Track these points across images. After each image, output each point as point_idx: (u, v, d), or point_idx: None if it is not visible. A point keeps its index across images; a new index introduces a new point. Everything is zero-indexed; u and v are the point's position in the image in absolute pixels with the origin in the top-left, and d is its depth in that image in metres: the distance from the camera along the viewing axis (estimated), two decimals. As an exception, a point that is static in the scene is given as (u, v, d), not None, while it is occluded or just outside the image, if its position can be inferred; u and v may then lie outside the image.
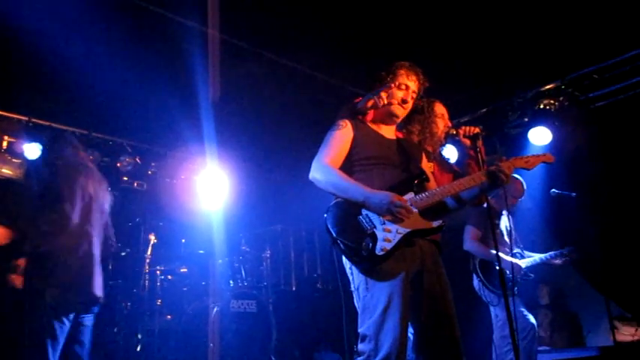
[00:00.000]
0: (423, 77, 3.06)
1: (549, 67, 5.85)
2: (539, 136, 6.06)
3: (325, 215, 2.77)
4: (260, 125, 6.53)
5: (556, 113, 6.07)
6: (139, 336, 5.50)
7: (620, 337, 5.39)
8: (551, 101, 6.10)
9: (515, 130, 6.46)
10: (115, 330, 5.59)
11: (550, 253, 4.90)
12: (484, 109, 6.53)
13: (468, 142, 3.17)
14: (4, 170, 6.03)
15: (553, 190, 5.15)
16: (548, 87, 6.11)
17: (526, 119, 6.31)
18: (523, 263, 4.80)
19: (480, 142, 3.12)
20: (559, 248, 4.95)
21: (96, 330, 5.57)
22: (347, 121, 2.98)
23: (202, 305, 5.54)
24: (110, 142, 6.68)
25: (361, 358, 2.59)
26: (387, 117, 3.04)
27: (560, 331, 6.26)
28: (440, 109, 3.66)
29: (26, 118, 5.99)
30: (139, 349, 5.45)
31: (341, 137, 2.93)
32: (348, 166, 2.90)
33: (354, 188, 2.73)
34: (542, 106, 6.13)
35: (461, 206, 2.97)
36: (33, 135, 5.96)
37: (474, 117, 6.46)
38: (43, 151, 5.89)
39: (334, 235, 2.68)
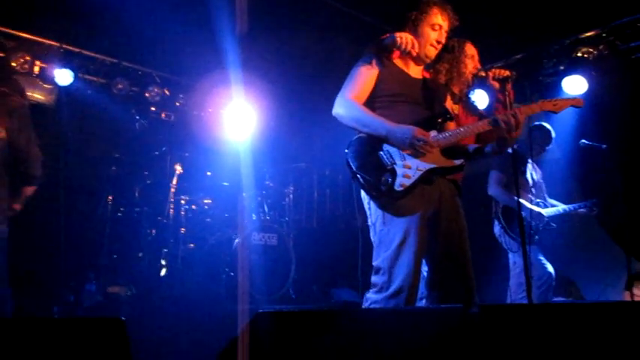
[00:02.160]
0: (453, 14, 2.98)
1: (590, 13, 5.61)
2: (574, 85, 5.88)
3: (346, 150, 2.79)
4: (288, 60, 6.47)
5: (594, 62, 5.87)
6: (163, 262, 5.67)
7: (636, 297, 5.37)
8: (590, 49, 5.89)
9: (549, 78, 6.29)
10: (140, 255, 5.77)
11: (574, 204, 4.86)
12: (518, 55, 6.34)
13: (496, 85, 3.11)
14: (36, 95, 6.12)
15: (583, 140, 5.04)
16: (587, 34, 5.89)
17: (562, 67, 6.12)
18: (546, 212, 4.78)
19: (509, 86, 3.05)
20: (584, 200, 4.90)
21: (120, 256, 5.82)
22: (373, 58, 2.93)
23: (224, 236, 5.66)
24: (139, 72, 6.71)
25: (374, 289, 2.65)
26: (419, 56, 2.98)
27: (577, 283, 6.26)
28: (470, 49, 3.56)
29: (58, 44, 6.02)
30: (162, 274, 5.63)
31: (366, 73, 2.90)
32: (372, 102, 2.88)
33: (377, 122, 2.72)
34: (579, 54, 5.93)
35: (480, 153, 2.93)
36: (64, 61, 6.02)
37: (507, 62, 6.28)
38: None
39: (354, 169, 2.70)
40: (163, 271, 5.65)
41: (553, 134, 5.01)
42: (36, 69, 5.98)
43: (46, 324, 1.19)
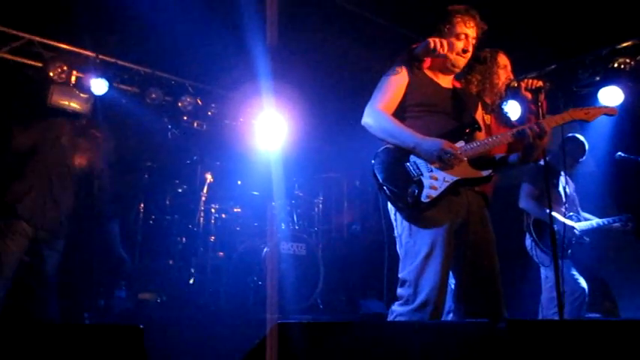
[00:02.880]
0: (480, 21, 2.94)
1: (627, 23, 5.50)
2: (610, 96, 5.76)
3: (373, 161, 2.77)
4: (320, 70, 6.50)
5: (630, 73, 5.74)
6: (192, 270, 5.72)
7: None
8: (627, 60, 5.75)
9: (584, 89, 6.16)
10: (170, 262, 5.84)
11: (607, 218, 4.74)
12: (552, 66, 6.24)
13: (529, 95, 3.07)
14: (72, 104, 6.26)
15: (619, 153, 4.93)
16: (624, 45, 5.77)
17: (597, 78, 6.00)
18: (579, 226, 4.67)
19: (542, 97, 3.01)
20: (618, 214, 4.78)
21: (151, 262, 5.89)
22: (403, 67, 2.91)
23: (254, 245, 5.69)
24: (173, 81, 6.82)
25: (399, 302, 2.62)
26: (447, 66, 2.96)
27: (612, 300, 6.09)
28: (503, 60, 3.52)
29: (94, 54, 6.17)
30: (191, 282, 5.68)
31: (395, 83, 2.88)
32: (401, 112, 2.86)
33: (406, 134, 2.70)
34: (616, 65, 5.80)
35: (508, 163, 2.88)
36: (100, 71, 6.16)
37: (541, 73, 6.19)
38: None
39: (380, 180, 2.69)
40: (193, 279, 5.70)
41: (587, 146, 4.90)
42: (73, 79, 6.12)
43: (64, 330, 1.21)
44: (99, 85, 6.12)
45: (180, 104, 6.79)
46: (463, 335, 1.87)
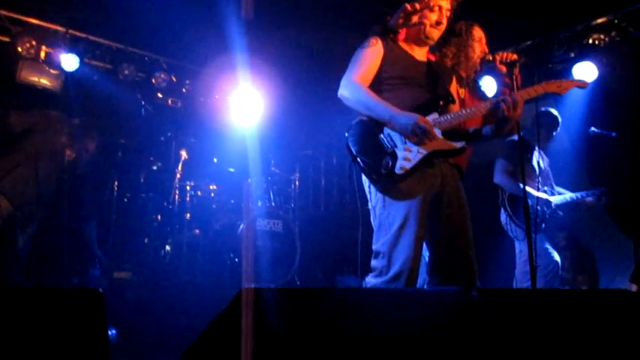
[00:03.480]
0: None
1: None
2: (585, 72, 5.79)
3: (347, 134, 2.76)
4: (296, 46, 6.43)
5: (605, 49, 5.77)
6: (168, 247, 5.68)
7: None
8: (601, 36, 5.78)
9: (559, 65, 6.20)
10: (146, 241, 5.79)
11: (581, 192, 4.79)
12: (529, 42, 6.25)
13: (504, 68, 3.07)
14: (42, 81, 6.12)
15: (592, 128, 4.96)
16: (599, 21, 5.79)
17: (572, 54, 6.03)
18: (553, 200, 4.72)
19: (516, 70, 3.00)
20: (592, 189, 4.84)
21: (126, 241, 5.84)
22: (378, 39, 2.89)
23: (230, 222, 5.66)
24: (146, 57, 6.70)
25: (373, 273, 2.63)
26: (421, 39, 2.93)
27: (583, 273, 6.20)
28: (478, 32, 3.51)
29: (64, 29, 6.02)
30: (167, 259, 5.64)
31: (371, 55, 2.86)
32: (376, 84, 2.84)
33: (381, 107, 2.69)
34: (590, 41, 5.83)
35: (482, 136, 2.88)
36: (70, 46, 6.02)
37: (517, 49, 6.20)
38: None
39: (354, 152, 2.67)
40: (168, 257, 5.65)
41: (560, 120, 4.94)
42: (42, 54, 5.98)
43: (23, 293, 1.18)
44: (69, 61, 5.99)
45: (154, 81, 6.69)
46: (435, 302, 1.88)
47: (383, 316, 1.63)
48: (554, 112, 4.93)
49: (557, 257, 4.66)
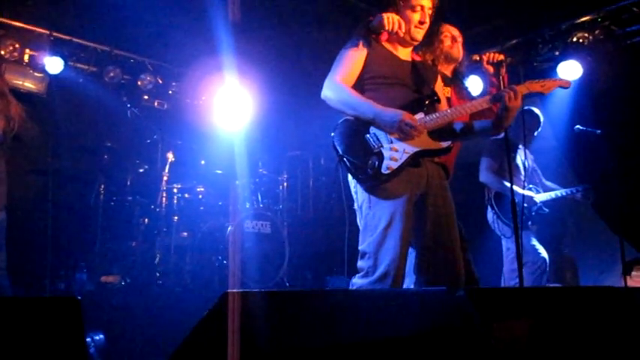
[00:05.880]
0: None
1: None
2: (569, 71, 5.84)
3: (332, 133, 2.76)
4: (283, 47, 6.42)
5: (589, 47, 5.82)
6: (156, 251, 5.64)
7: (631, 283, 5.35)
8: (585, 34, 5.83)
9: (544, 63, 6.24)
10: (133, 244, 5.74)
11: (566, 189, 4.84)
12: (514, 41, 6.29)
13: (491, 69, 3.12)
14: (26, 84, 6.07)
15: (577, 126, 5.00)
16: (583, 19, 5.84)
17: (557, 53, 6.08)
18: (539, 197, 4.75)
19: (503, 70, 3.04)
20: (577, 185, 4.88)
21: (113, 245, 5.79)
22: (361, 40, 2.89)
23: (218, 224, 5.63)
24: (131, 60, 6.66)
25: (360, 274, 2.63)
26: (405, 39, 2.93)
27: (570, 269, 6.24)
28: (447, 27, 3.54)
29: (47, 32, 5.96)
30: (155, 262, 5.60)
31: (354, 56, 2.86)
32: (360, 84, 2.84)
33: (365, 105, 2.69)
34: (575, 40, 5.88)
35: (472, 135, 2.89)
36: (54, 49, 5.96)
37: (503, 48, 6.23)
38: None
39: (340, 152, 2.68)
40: (156, 260, 5.61)
41: (542, 119, 4.97)
42: (26, 57, 5.93)
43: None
44: (54, 64, 5.94)
45: (139, 83, 6.65)
46: (421, 303, 1.88)
47: (370, 317, 1.62)
48: (537, 110, 4.96)
49: (544, 254, 4.69)
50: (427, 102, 2.77)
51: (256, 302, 1.38)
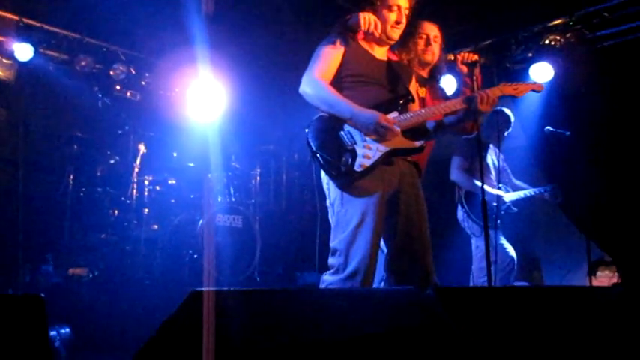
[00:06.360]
0: None
1: (559, 1, 5.65)
2: (541, 72, 5.92)
3: (306, 130, 2.76)
4: (258, 40, 6.38)
5: (560, 50, 5.91)
6: (125, 243, 5.57)
7: (596, 283, 5.47)
8: (557, 37, 5.92)
9: (517, 64, 6.32)
10: (103, 236, 5.66)
11: (534, 189, 4.92)
12: (488, 41, 6.35)
13: (465, 69, 3.13)
14: (-5, 71, 5.92)
15: (547, 127, 5.08)
16: (555, 22, 5.92)
17: (529, 54, 6.15)
18: (508, 197, 4.82)
19: (477, 71, 3.07)
20: (545, 185, 4.97)
21: (82, 237, 5.70)
22: (338, 38, 2.90)
23: (189, 217, 5.59)
24: (104, 48, 6.53)
25: (330, 271, 2.64)
26: (381, 38, 2.95)
27: (539, 268, 6.36)
28: (425, 28, 3.53)
29: (17, 17, 5.82)
30: (125, 255, 5.53)
31: (331, 53, 2.87)
32: (336, 82, 2.85)
33: (343, 104, 2.69)
34: (547, 42, 5.96)
35: (443, 132, 2.93)
36: (24, 35, 5.83)
37: (477, 48, 6.29)
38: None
39: (314, 149, 2.68)
40: (126, 253, 5.54)
41: (512, 119, 5.04)
42: (-6, 43, 5.78)
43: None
44: (23, 51, 5.80)
45: (112, 72, 6.52)
46: (391, 302, 1.89)
47: (339, 316, 1.63)
48: (507, 111, 5.02)
49: (512, 253, 4.76)
50: (401, 101, 2.79)
51: (229, 301, 1.37)
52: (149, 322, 4.11)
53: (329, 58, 2.85)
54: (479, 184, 3.72)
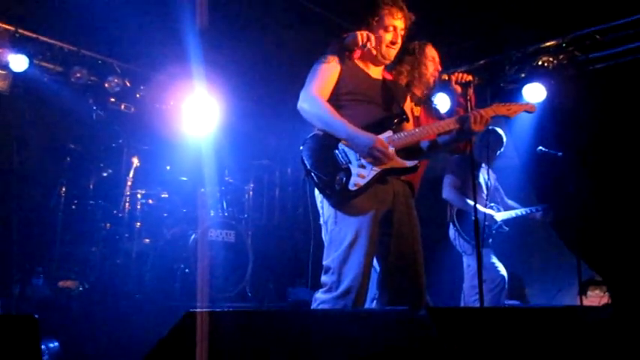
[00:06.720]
0: (408, 12, 2.97)
1: (552, 23, 5.72)
2: (534, 93, 5.99)
3: (301, 147, 2.77)
4: (252, 56, 6.41)
5: (553, 71, 5.99)
6: (117, 257, 5.53)
7: (586, 302, 5.49)
8: (550, 58, 6.00)
9: (510, 84, 6.40)
10: (94, 249, 5.62)
11: (525, 208, 4.94)
12: (481, 61, 6.42)
13: (459, 89, 3.17)
14: (-11, 81, 5.91)
15: (540, 148, 5.12)
16: (548, 44, 6.00)
17: (522, 75, 6.23)
18: (500, 216, 4.84)
19: (470, 91, 3.11)
20: (537, 205, 5.00)
21: (73, 249, 5.66)
22: (334, 56, 2.92)
23: (181, 231, 5.57)
24: (99, 61, 6.55)
25: (323, 289, 2.63)
26: (377, 58, 2.97)
27: (530, 287, 6.37)
28: (431, 51, 3.60)
29: (12, 28, 5.82)
30: (116, 269, 5.49)
31: (328, 70, 2.88)
32: (332, 100, 2.86)
33: (339, 124, 2.70)
34: (540, 63, 6.04)
35: (436, 151, 2.94)
36: (19, 46, 5.83)
37: (470, 68, 6.36)
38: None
39: (308, 167, 2.68)
40: (117, 266, 5.50)
41: (504, 139, 5.07)
42: (-12, 53, 5.77)
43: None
44: (18, 62, 5.80)
45: (106, 85, 6.53)
46: (383, 322, 1.89)
47: (333, 338, 1.63)
48: (500, 131, 5.06)
49: (503, 271, 4.77)
50: (396, 120, 2.81)
51: (222, 322, 1.37)
52: (139, 336, 4.09)
53: (326, 75, 2.87)
54: (471, 202, 3.74)
